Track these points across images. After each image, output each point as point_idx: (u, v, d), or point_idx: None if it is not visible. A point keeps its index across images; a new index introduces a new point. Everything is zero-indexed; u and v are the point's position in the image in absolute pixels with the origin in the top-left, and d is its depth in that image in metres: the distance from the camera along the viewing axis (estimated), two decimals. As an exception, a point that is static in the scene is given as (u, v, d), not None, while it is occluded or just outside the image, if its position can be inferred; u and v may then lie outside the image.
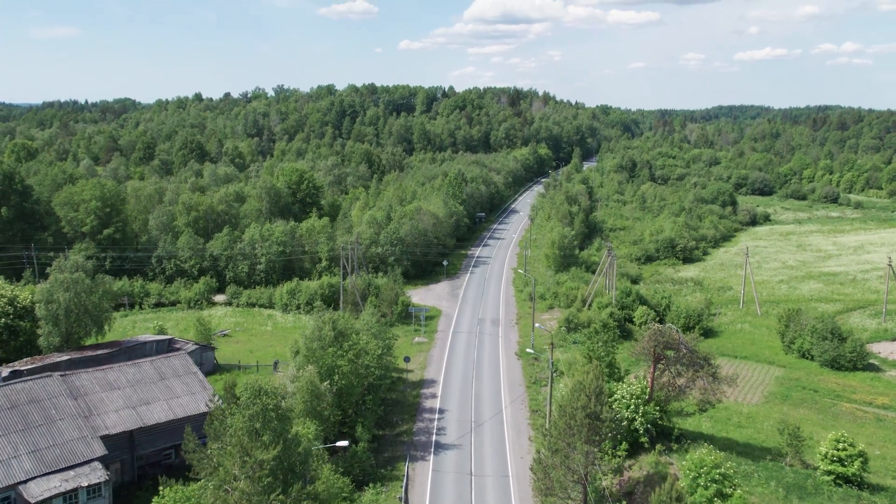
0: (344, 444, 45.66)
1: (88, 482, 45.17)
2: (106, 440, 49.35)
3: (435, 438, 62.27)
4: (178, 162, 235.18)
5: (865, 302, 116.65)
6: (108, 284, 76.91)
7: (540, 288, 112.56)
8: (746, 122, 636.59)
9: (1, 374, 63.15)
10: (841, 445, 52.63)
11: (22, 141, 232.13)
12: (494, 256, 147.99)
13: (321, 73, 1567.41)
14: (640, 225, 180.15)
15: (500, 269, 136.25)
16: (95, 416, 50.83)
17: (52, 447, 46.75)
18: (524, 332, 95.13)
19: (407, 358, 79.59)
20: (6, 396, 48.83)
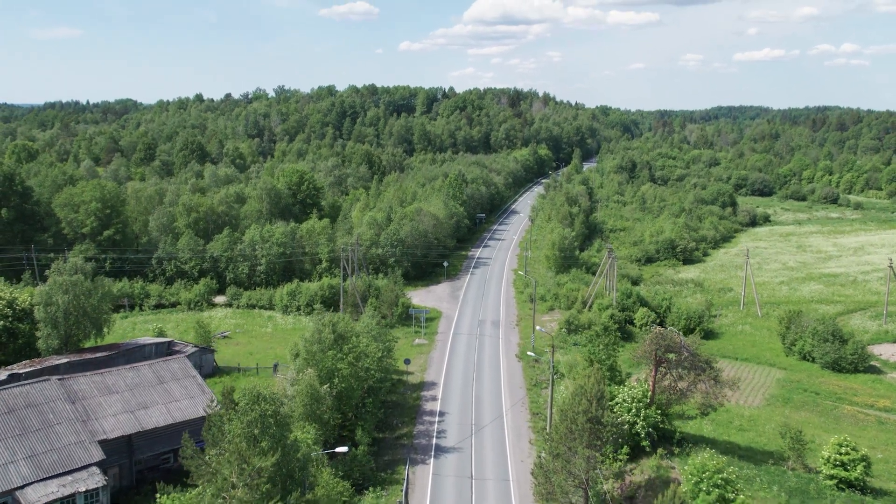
0: (343, 449, 45.37)
1: (86, 487, 44.89)
2: (104, 445, 49.02)
3: (435, 441, 62.00)
4: (178, 163, 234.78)
5: (866, 303, 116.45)
6: (107, 287, 76.65)
7: (540, 289, 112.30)
8: (746, 122, 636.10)
9: (-1, 377, 62.83)
10: (844, 449, 52.39)
11: (23, 142, 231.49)
12: (495, 258, 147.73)
13: (322, 73, 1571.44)
14: (640, 226, 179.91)
15: (500, 270, 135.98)
16: (93, 420, 50.52)
17: (49, 452, 46.42)
18: (525, 333, 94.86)
19: (407, 360, 79.34)
20: (3, 401, 48.47)
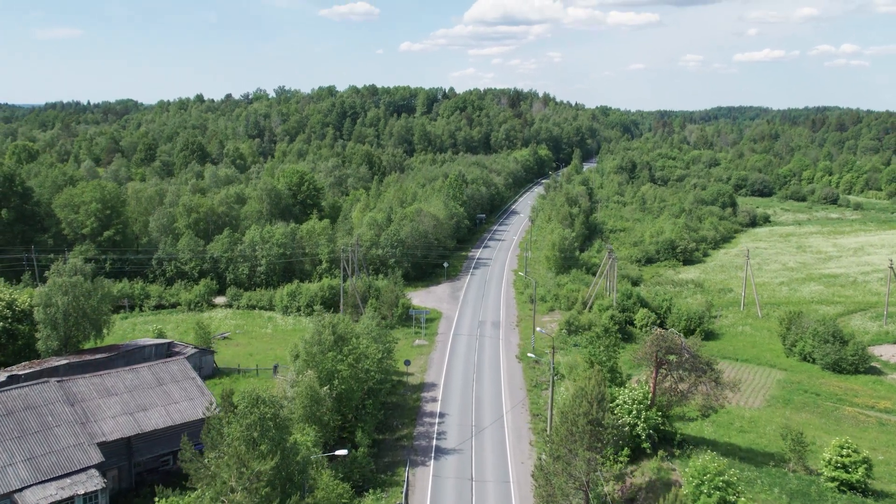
0: (343, 452, 45.22)
1: (85, 490, 44.73)
2: (103, 447, 48.83)
3: (435, 443, 61.86)
4: (179, 163, 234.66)
5: (866, 304, 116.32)
6: (106, 288, 76.53)
7: (540, 290, 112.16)
8: (745, 122, 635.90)
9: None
10: (845, 451, 52.22)
11: (23, 142, 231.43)
12: (495, 258, 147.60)
13: (322, 74, 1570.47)
14: (640, 226, 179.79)
15: (500, 270, 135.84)
16: (92, 422, 50.34)
17: (48, 454, 46.25)
18: (525, 334, 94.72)
19: (407, 361, 79.21)
20: (1, 403, 48.29)
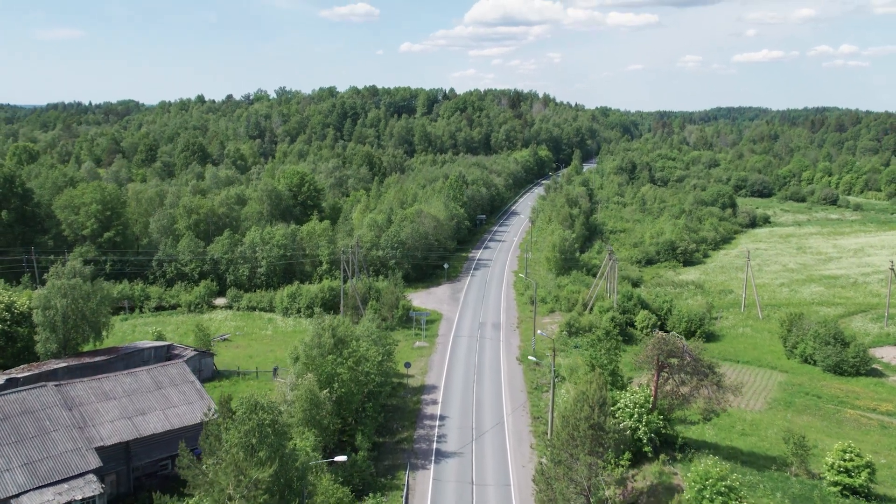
0: (342, 459, 44.91)
1: (83, 495, 44.43)
2: (101, 452, 48.53)
3: (436, 446, 61.58)
4: (180, 164, 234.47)
5: (867, 305, 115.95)
6: (106, 290, 76.25)
7: (541, 291, 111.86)
8: (745, 123, 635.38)
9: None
10: (848, 456, 51.91)
11: (24, 143, 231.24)
12: (495, 259, 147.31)
13: (323, 74, 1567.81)
14: (640, 227, 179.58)
15: (500, 272, 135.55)
16: (90, 426, 50.04)
17: (45, 459, 45.95)
18: (525, 336, 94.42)
19: (407, 363, 78.95)
20: None
